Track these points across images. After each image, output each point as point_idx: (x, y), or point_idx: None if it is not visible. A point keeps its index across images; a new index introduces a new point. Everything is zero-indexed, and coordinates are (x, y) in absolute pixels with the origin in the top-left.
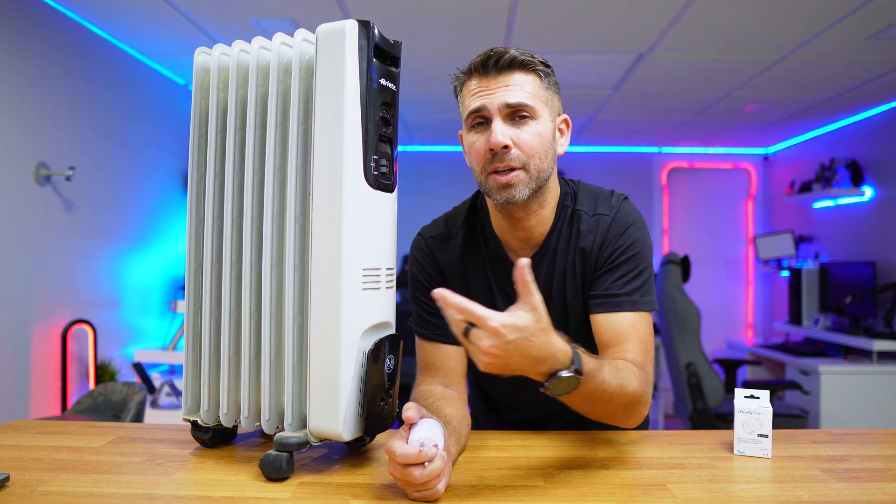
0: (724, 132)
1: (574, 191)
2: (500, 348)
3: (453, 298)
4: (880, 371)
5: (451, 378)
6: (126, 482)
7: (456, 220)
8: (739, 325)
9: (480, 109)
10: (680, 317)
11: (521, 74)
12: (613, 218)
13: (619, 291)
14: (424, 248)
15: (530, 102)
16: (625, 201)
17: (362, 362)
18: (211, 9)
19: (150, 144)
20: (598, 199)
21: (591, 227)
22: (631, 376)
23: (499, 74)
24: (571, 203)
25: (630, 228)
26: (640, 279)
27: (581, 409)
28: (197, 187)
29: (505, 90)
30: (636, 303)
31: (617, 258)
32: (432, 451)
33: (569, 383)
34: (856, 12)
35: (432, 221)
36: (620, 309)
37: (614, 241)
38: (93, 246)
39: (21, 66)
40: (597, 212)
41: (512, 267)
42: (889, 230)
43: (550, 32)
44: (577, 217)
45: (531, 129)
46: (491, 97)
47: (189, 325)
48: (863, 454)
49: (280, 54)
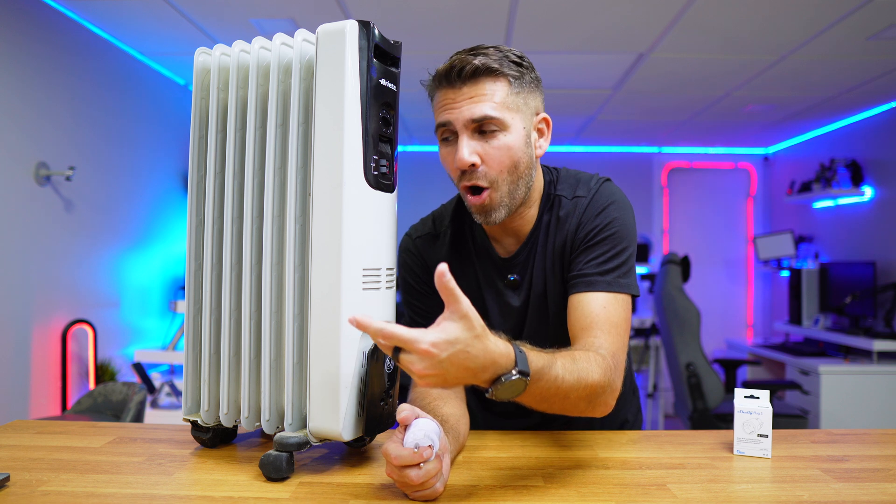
0: (724, 132)
1: (556, 178)
2: (436, 368)
3: (374, 325)
4: (880, 371)
5: None
6: (126, 482)
7: (443, 219)
8: (739, 325)
9: (447, 124)
10: (680, 317)
11: (489, 82)
12: (591, 198)
13: (592, 271)
14: (412, 248)
15: (496, 114)
16: (606, 182)
17: (362, 362)
18: (211, 9)
19: (150, 144)
20: (579, 182)
21: (570, 210)
22: (592, 366)
23: (463, 85)
24: (553, 190)
25: (609, 207)
26: (617, 260)
27: (537, 407)
28: (197, 187)
29: (470, 103)
30: (610, 284)
31: (593, 237)
32: (427, 453)
33: (515, 386)
34: (856, 12)
35: (420, 220)
36: (592, 289)
37: (591, 220)
38: (93, 246)
39: (21, 66)
40: (576, 194)
41: (500, 262)
42: (889, 230)
43: (550, 32)
44: (558, 202)
45: (499, 142)
46: (455, 112)
47: (189, 326)
48: (863, 454)
49: (280, 54)
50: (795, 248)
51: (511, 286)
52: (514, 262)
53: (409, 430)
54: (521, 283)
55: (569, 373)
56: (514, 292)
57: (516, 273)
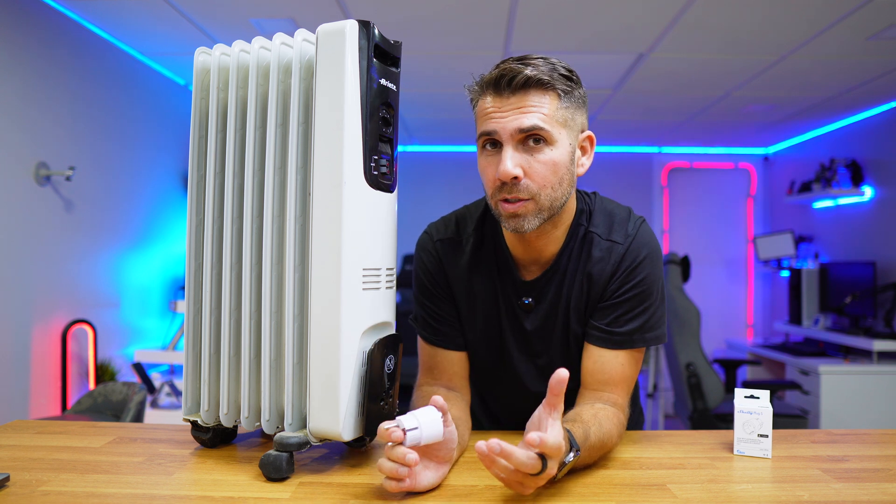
0: (724, 132)
1: (590, 209)
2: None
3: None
4: (880, 371)
5: (455, 381)
6: (126, 482)
7: (467, 225)
8: (739, 325)
9: (492, 133)
10: (680, 317)
11: (538, 95)
12: (627, 249)
13: (619, 330)
14: (432, 250)
15: (545, 126)
16: (641, 227)
17: (362, 362)
18: (211, 9)
19: (150, 144)
20: (614, 222)
21: (604, 254)
22: (612, 427)
23: (512, 95)
24: (586, 223)
25: (644, 263)
26: (643, 317)
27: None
28: (197, 187)
29: (517, 113)
30: (634, 342)
31: (624, 294)
32: (395, 434)
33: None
34: (856, 12)
35: (441, 220)
36: (616, 347)
37: (624, 275)
38: (93, 246)
39: (21, 66)
40: (611, 237)
41: (520, 283)
42: (889, 230)
43: (550, 32)
44: (590, 240)
45: (545, 156)
46: (503, 121)
47: (189, 325)
48: (863, 454)
49: (280, 54)
50: (795, 248)
51: (525, 309)
52: (534, 285)
53: (413, 411)
54: (536, 308)
55: (598, 439)
56: (527, 315)
57: (532, 297)
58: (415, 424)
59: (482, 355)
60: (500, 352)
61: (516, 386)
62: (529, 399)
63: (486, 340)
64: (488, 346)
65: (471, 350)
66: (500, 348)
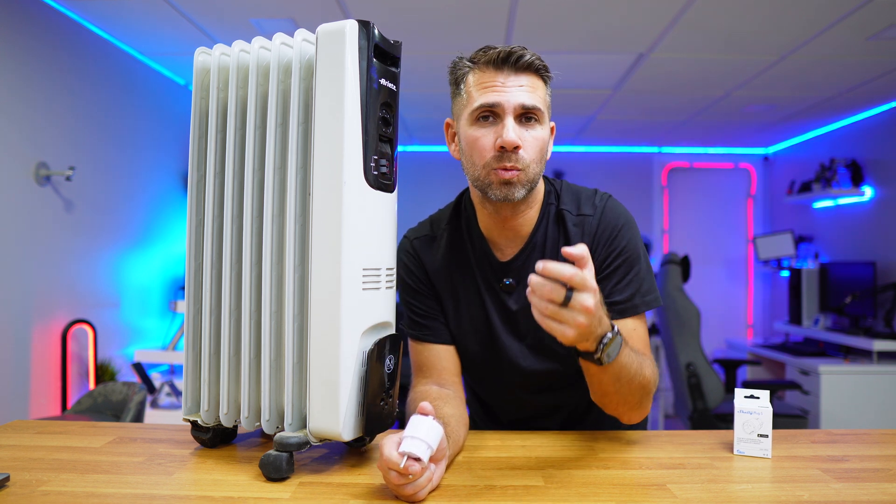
0: (724, 132)
1: (557, 190)
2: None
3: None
4: (880, 371)
5: (445, 377)
6: (126, 482)
7: (441, 222)
8: (739, 325)
9: (494, 106)
10: (680, 317)
11: (535, 78)
12: (599, 219)
13: (620, 298)
14: (410, 249)
15: (541, 107)
16: (609, 200)
17: (362, 362)
18: (211, 9)
19: (150, 144)
20: (581, 198)
21: (577, 228)
22: (646, 361)
23: (517, 73)
24: (555, 202)
25: (621, 231)
26: (637, 281)
27: (609, 387)
28: (197, 187)
29: (521, 91)
30: (637, 306)
31: (612, 264)
32: (413, 468)
33: (615, 344)
34: (856, 12)
35: (418, 223)
36: (623, 316)
37: (605, 244)
38: (93, 246)
39: (21, 66)
40: (581, 212)
41: (498, 265)
42: (889, 230)
43: (550, 32)
44: (562, 217)
45: (536, 133)
46: (507, 95)
47: (189, 325)
48: (863, 454)
49: (280, 54)
50: (795, 248)
51: (507, 290)
52: (511, 266)
53: (409, 427)
54: (518, 288)
55: (635, 356)
56: (510, 296)
57: (512, 277)
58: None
59: (472, 347)
60: (490, 338)
61: (509, 369)
62: (519, 388)
63: (475, 331)
64: (476, 335)
65: (460, 345)
66: (488, 334)
